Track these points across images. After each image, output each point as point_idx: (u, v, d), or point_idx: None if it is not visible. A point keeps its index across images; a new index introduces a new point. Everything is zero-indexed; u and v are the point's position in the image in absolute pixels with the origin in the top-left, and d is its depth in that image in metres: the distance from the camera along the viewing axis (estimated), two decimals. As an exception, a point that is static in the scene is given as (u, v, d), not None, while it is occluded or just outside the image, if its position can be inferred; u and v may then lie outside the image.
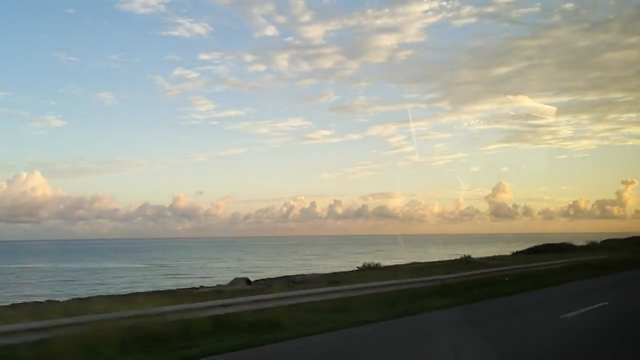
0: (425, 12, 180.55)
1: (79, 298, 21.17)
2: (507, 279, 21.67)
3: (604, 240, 56.47)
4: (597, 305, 14.70)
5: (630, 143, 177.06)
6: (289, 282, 23.61)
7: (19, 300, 23.03)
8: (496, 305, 16.01)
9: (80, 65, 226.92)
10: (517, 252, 47.78)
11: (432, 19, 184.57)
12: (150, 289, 26.76)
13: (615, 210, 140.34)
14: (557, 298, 17.84)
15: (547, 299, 17.68)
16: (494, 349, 9.19)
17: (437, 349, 9.46)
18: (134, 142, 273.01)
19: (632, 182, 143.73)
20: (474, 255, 38.84)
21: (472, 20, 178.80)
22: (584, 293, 18.98)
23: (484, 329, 11.37)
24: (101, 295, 21.74)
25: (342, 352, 9.80)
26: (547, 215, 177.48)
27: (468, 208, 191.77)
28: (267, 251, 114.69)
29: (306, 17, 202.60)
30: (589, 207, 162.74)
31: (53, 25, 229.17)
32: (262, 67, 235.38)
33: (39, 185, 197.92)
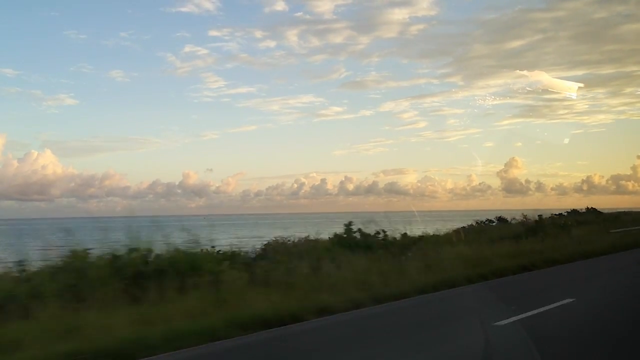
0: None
1: None
2: None
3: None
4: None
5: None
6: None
7: None
8: None
9: (90, 43, 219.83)
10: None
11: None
12: None
13: (630, 185, 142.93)
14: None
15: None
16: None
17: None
18: (146, 120, 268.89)
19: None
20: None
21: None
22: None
23: None
24: None
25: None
26: (560, 190, 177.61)
27: (480, 184, 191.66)
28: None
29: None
30: (603, 182, 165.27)
31: (62, 2, 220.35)
32: (272, 43, 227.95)
33: (49, 164, 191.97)
